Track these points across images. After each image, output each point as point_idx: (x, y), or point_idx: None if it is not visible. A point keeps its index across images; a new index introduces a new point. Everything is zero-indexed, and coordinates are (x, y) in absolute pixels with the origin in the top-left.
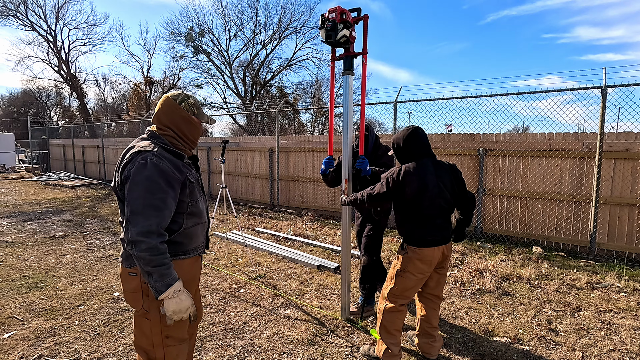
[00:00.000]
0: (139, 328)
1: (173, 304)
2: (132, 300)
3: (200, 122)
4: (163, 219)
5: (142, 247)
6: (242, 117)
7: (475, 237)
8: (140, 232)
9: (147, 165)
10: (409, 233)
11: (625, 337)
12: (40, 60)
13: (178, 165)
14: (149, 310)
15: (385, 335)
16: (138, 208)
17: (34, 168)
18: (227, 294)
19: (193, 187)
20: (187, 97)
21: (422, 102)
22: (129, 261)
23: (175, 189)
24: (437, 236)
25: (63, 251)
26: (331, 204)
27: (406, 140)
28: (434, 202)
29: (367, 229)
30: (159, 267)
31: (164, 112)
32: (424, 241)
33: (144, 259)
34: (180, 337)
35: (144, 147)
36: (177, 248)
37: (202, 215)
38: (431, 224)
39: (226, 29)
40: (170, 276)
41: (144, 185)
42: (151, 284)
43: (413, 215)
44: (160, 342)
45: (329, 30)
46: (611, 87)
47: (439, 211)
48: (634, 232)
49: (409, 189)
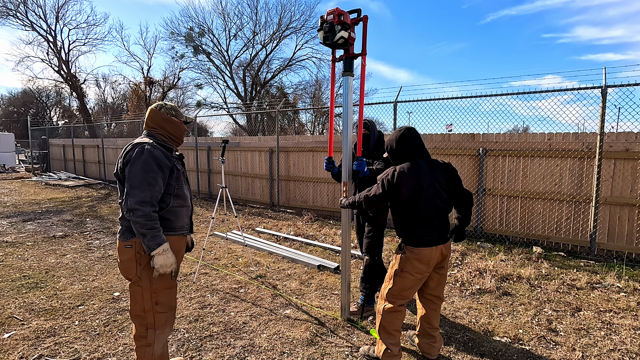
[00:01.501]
0: (133, 297)
1: (161, 259)
2: (127, 269)
3: (181, 121)
4: (155, 193)
5: (139, 214)
6: (242, 117)
7: (475, 237)
8: (137, 202)
9: (144, 151)
10: (407, 233)
11: (625, 337)
12: (40, 60)
13: (168, 155)
14: (141, 277)
15: (384, 336)
16: (135, 183)
17: (34, 168)
18: (227, 294)
19: (180, 174)
20: (165, 104)
21: (422, 102)
22: (125, 235)
23: (164, 172)
24: (434, 236)
25: (63, 251)
26: (331, 204)
27: (399, 142)
28: (430, 202)
29: (368, 230)
30: (151, 230)
31: (150, 119)
32: (421, 241)
33: (140, 223)
34: (168, 304)
35: (142, 141)
36: (165, 224)
37: (186, 199)
38: (428, 224)
39: (226, 29)
40: (160, 237)
41: (140, 166)
42: (145, 243)
43: (410, 216)
44: (150, 307)
45: (326, 32)
46: (611, 87)
47: (436, 211)
48: (634, 232)
49: (404, 189)
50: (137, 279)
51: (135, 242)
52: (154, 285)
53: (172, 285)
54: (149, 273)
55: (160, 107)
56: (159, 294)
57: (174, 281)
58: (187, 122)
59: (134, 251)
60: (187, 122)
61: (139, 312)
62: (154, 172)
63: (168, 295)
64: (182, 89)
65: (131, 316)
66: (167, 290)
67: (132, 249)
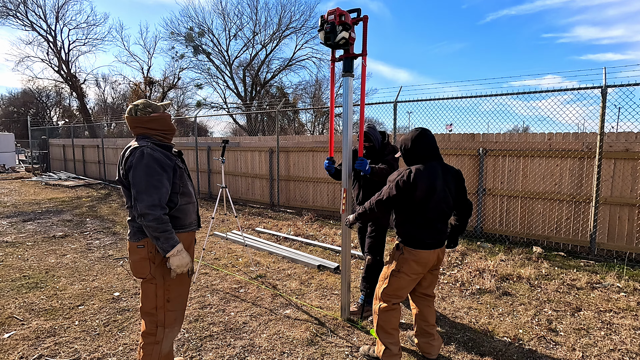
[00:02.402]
0: (145, 294)
1: (177, 260)
2: (140, 268)
3: (161, 113)
4: (162, 195)
5: (150, 218)
6: (242, 117)
7: (475, 237)
8: (147, 206)
9: (144, 155)
10: (408, 234)
11: (625, 337)
12: (40, 60)
13: (167, 154)
14: (155, 275)
15: (383, 335)
16: (142, 188)
17: (34, 168)
18: (227, 294)
19: (182, 172)
20: (137, 106)
21: (422, 102)
22: (136, 236)
23: (168, 172)
24: (435, 239)
25: (63, 251)
26: (331, 204)
27: (414, 142)
28: (438, 205)
29: (370, 230)
30: (164, 233)
31: (133, 127)
32: (422, 244)
33: (152, 227)
34: (179, 303)
35: (140, 144)
36: (175, 222)
37: (191, 195)
38: (432, 227)
39: (226, 29)
40: (173, 239)
41: (143, 170)
42: (159, 245)
43: (416, 217)
44: (162, 304)
45: (328, 32)
46: (611, 87)
47: (441, 215)
48: (634, 232)
49: (419, 191)
50: (150, 277)
51: (147, 241)
52: (167, 282)
53: (186, 282)
54: (163, 271)
55: (134, 111)
56: (172, 290)
57: (188, 279)
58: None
59: (147, 250)
60: (166, 109)
61: (150, 309)
62: (158, 175)
63: (180, 292)
64: (182, 89)
65: (141, 313)
66: (180, 287)
67: (145, 248)
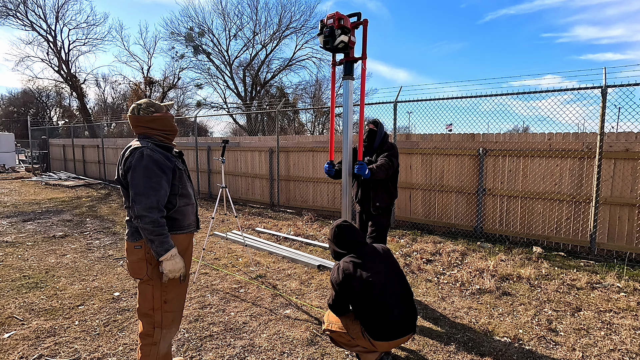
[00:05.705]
0: (143, 295)
1: (170, 265)
2: (137, 269)
3: (164, 112)
4: (160, 197)
5: (147, 220)
6: (242, 117)
7: (475, 237)
8: (144, 208)
9: (143, 156)
10: (367, 326)
11: (625, 337)
12: (40, 60)
13: (167, 156)
14: (152, 277)
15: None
16: (140, 190)
17: (34, 168)
18: (227, 294)
19: (182, 173)
20: (140, 105)
21: (422, 102)
22: (134, 237)
23: (167, 174)
24: (400, 328)
25: (63, 251)
26: (331, 204)
27: (336, 238)
28: (384, 289)
29: (371, 230)
30: (159, 236)
31: (134, 126)
32: (385, 335)
33: (147, 230)
34: (177, 304)
35: (140, 144)
36: (173, 224)
37: (191, 197)
38: (389, 314)
39: (226, 29)
40: (168, 243)
41: (142, 172)
42: (153, 249)
43: (368, 308)
44: (159, 306)
45: (326, 36)
46: (611, 87)
47: (395, 298)
48: (634, 232)
49: (355, 284)
50: (147, 278)
51: (145, 242)
52: (164, 283)
53: (183, 284)
54: (160, 272)
55: (137, 110)
56: (169, 292)
57: (184, 283)
58: (169, 109)
59: (144, 251)
60: (169, 109)
61: (147, 310)
62: (157, 177)
63: (178, 293)
64: (182, 89)
65: (139, 314)
66: (177, 288)
67: (142, 249)
